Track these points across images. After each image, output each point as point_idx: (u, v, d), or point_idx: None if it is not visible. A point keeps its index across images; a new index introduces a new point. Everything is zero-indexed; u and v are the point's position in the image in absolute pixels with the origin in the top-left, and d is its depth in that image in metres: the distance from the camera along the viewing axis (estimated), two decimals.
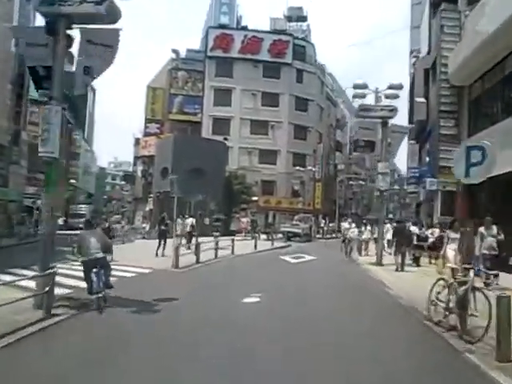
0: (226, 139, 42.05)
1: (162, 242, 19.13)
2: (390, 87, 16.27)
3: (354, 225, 25.03)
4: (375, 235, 21.92)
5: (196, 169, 33.79)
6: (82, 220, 45.70)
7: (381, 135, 16.72)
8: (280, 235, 36.21)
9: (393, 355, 6.26)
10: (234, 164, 44.44)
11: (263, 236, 34.15)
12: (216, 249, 18.79)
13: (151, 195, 41.29)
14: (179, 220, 24.68)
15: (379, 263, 17.11)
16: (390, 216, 53.45)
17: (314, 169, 43.78)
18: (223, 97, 49.61)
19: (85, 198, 68.76)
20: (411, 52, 40.23)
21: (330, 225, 47.56)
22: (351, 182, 59.20)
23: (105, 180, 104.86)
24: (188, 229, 24.53)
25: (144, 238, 32.15)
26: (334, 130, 60.25)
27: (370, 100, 17.51)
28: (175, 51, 56.22)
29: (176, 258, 14.78)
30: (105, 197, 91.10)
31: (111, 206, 78.54)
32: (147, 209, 46.06)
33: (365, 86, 15.90)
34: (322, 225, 45.12)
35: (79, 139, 64.62)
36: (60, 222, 38.43)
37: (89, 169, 77.49)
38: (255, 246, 24.08)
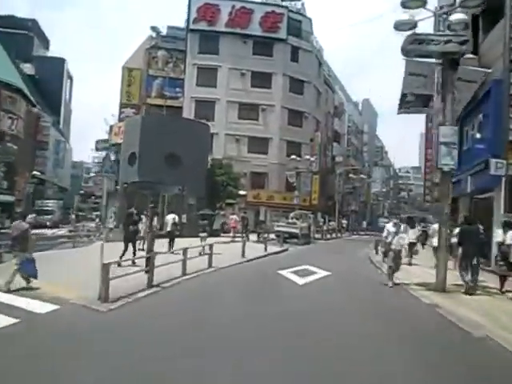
0: (207, 119, 35.72)
1: (133, 247, 14.46)
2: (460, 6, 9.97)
3: (402, 228, 19.07)
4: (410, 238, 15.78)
5: (170, 155, 27.20)
6: (48, 217, 38.22)
7: (438, 84, 10.72)
8: (272, 235, 30.18)
9: None
10: (219, 153, 38.14)
11: (253, 237, 28.02)
12: (210, 255, 12.53)
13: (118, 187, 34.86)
14: (144, 218, 18.68)
15: (440, 287, 10.88)
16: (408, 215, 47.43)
17: (312, 158, 37.67)
18: (207, 76, 43.27)
19: (55, 192, 62.00)
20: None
21: (331, 223, 41.52)
22: (351, 175, 53.25)
23: (85, 174, 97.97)
24: (169, 227, 19.55)
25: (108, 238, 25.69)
26: (331, 119, 54.24)
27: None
28: (154, 28, 49.71)
29: (104, 284, 8.54)
30: (81, 192, 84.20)
31: (92, 203, 72.42)
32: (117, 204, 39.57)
33: (420, 3, 9.63)
34: (321, 223, 39.05)
35: (48, 127, 57.67)
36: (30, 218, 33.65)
37: (61, 161, 70.58)
38: (243, 253, 17.91)
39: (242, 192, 41.38)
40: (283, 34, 44.03)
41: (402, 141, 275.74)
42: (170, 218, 20.64)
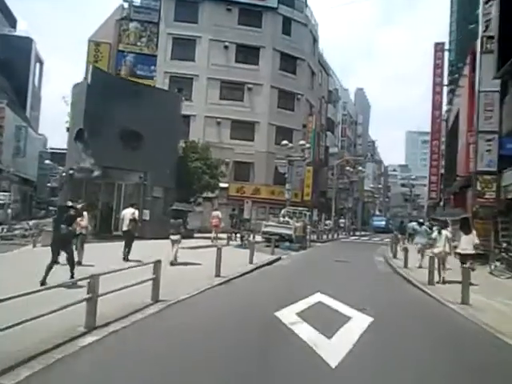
0: (179, 89, 29.64)
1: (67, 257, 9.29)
2: None
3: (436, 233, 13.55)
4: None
5: (128, 133, 21.13)
6: None
7: None
8: (259, 237, 24.23)
9: None
10: (196, 138, 31.71)
11: (234, 241, 22.05)
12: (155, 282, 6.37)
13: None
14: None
15: None
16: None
17: (307, 144, 31.61)
18: (184, 48, 36.91)
19: (13, 183, 54.87)
20: None
21: (327, 222, 35.62)
22: (348, 168, 47.44)
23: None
24: (126, 226, 14.66)
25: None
26: (325, 105, 48.34)
27: None
28: None
29: None
30: (49, 184, 76.89)
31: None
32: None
33: None
34: (316, 223, 33.08)
35: (2, 108, 50.37)
36: None
37: (23, 149, 63.23)
38: (217, 271, 11.70)
39: (223, 184, 35.22)
40: (274, 1, 37.85)
41: (389, 139, 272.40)
42: (128, 213, 14.68)
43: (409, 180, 72.74)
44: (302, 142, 30.88)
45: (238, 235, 23.58)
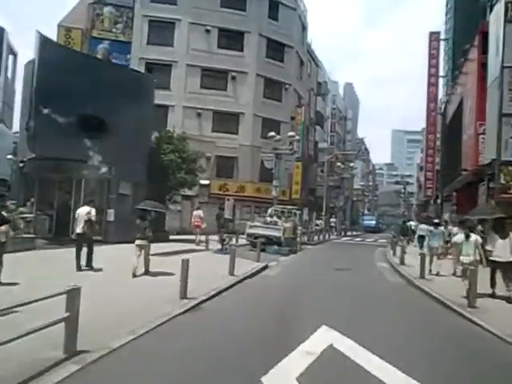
0: (149, 70, 26.61)
1: None
2: None
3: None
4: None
5: (89, 119, 17.85)
6: None
7: None
8: (242, 240, 21.42)
9: None
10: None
11: (213, 245, 19.08)
12: None
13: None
14: None
15: None
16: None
17: (296, 136, 28.64)
18: (162, 32, 33.71)
19: None
20: None
21: (318, 222, 32.79)
22: (339, 164, 44.65)
23: None
24: (79, 229, 11.90)
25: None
26: (314, 97, 45.47)
27: None
28: None
29: None
30: None
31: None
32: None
33: None
34: (307, 223, 30.22)
35: None
36: None
37: None
38: (183, 291, 8.59)
39: (203, 181, 32.15)
40: None
41: (374, 137, 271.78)
42: (83, 212, 11.55)
43: (402, 177, 70.39)
44: (291, 133, 27.96)
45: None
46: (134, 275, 10.91)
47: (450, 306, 9.02)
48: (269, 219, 21.47)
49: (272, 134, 27.48)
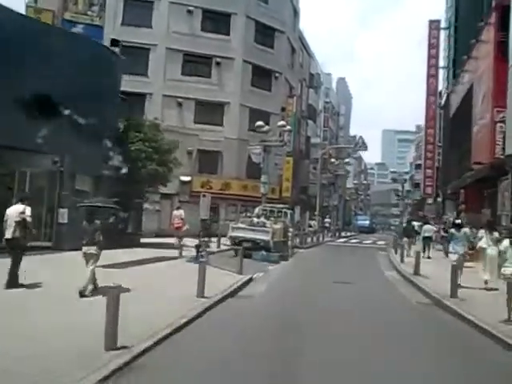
0: (115, 41, 23.54)
1: None
2: None
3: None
4: None
5: (37, 99, 14.53)
6: None
7: None
8: (224, 244, 18.45)
9: None
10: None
11: (187, 251, 16.04)
12: None
13: None
14: None
15: None
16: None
17: (287, 126, 25.60)
18: (139, 12, 30.40)
19: None
20: None
21: (311, 223, 29.86)
22: (333, 160, 41.74)
23: None
24: (9, 233, 9.00)
25: None
26: (306, 89, 42.49)
27: None
28: None
29: None
30: None
31: None
32: None
33: None
34: (299, 224, 27.25)
35: None
36: None
37: None
38: (112, 336, 5.47)
39: (184, 178, 29.05)
40: None
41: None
42: (14, 212, 8.37)
43: (400, 175, 67.75)
44: (281, 123, 24.96)
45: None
46: (82, 294, 8.05)
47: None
48: (255, 220, 18.41)
49: (260, 123, 24.48)
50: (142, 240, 20.31)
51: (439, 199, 35.90)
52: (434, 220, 30.64)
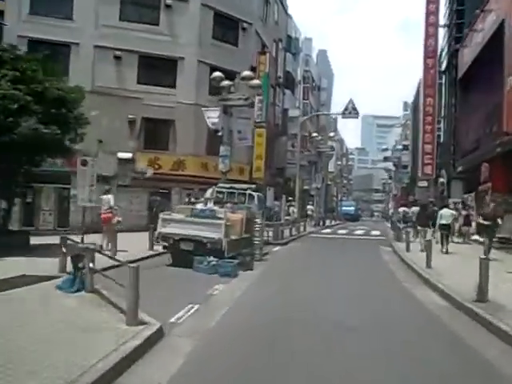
0: None
1: None
2: None
3: None
4: None
5: None
6: None
7: None
8: (158, 246, 11.88)
9: None
10: (82, 81, 17.90)
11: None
12: None
13: None
14: None
15: None
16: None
17: (255, 80, 18.92)
18: None
19: None
20: None
21: (291, 210, 23.56)
22: (315, 135, 35.29)
23: None
24: None
25: None
26: (283, 52, 35.75)
27: None
28: None
29: None
30: None
31: None
32: None
33: None
34: (274, 212, 20.78)
35: None
36: None
37: None
38: None
39: (123, 154, 22.32)
40: None
41: (343, 122, 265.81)
42: None
43: (394, 151, 61.82)
44: (246, 73, 18.40)
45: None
46: None
47: None
48: (199, 207, 11.86)
49: (218, 74, 17.96)
50: (37, 240, 13.61)
51: (441, 180, 29.93)
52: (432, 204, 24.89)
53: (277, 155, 34.49)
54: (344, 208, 51.74)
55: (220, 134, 18.37)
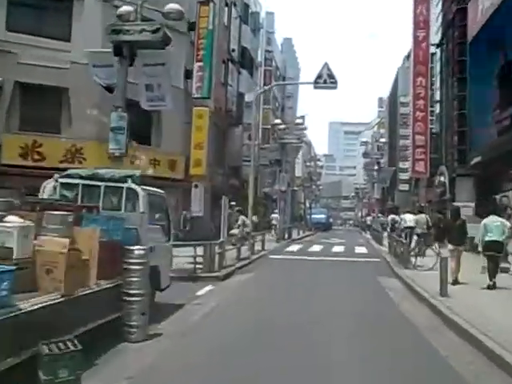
0: None
1: None
2: None
3: None
4: None
5: None
6: None
7: None
8: None
9: None
10: None
11: None
12: None
13: None
14: None
15: None
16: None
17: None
18: None
19: None
20: None
21: (242, 219, 16.02)
22: (278, 121, 28.07)
23: None
24: None
25: None
26: (238, 22, 28.36)
27: None
28: None
29: None
30: None
31: None
32: None
33: None
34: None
35: None
36: None
37: None
38: None
39: None
40: None
41: (310, 129, 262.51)
42: None
43: (373, 144, 55.46)
44: (174, 7, 10.86)
45: None
46: None
47: None
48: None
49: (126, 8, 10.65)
50: None
51: (442, 179, 23.19)
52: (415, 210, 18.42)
53: (230, 151, 27.14)
54: (314, 216, 44.86)
55: (114, 93, 10.81)
